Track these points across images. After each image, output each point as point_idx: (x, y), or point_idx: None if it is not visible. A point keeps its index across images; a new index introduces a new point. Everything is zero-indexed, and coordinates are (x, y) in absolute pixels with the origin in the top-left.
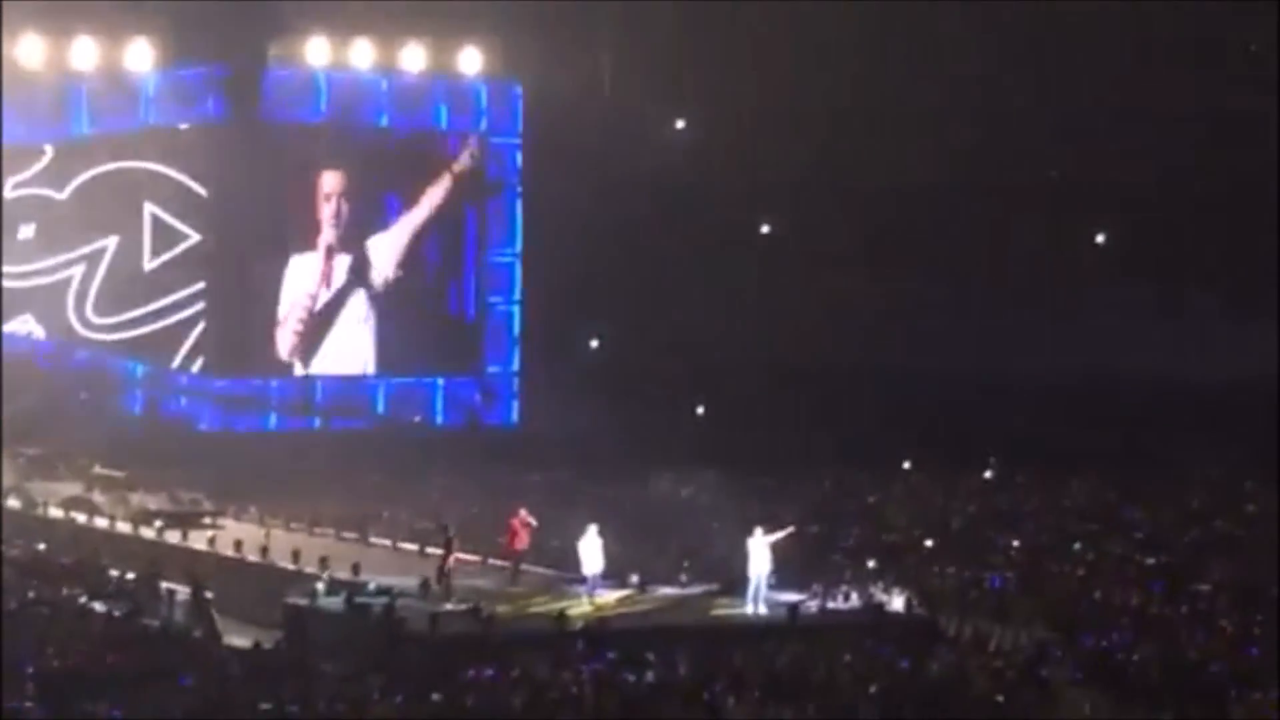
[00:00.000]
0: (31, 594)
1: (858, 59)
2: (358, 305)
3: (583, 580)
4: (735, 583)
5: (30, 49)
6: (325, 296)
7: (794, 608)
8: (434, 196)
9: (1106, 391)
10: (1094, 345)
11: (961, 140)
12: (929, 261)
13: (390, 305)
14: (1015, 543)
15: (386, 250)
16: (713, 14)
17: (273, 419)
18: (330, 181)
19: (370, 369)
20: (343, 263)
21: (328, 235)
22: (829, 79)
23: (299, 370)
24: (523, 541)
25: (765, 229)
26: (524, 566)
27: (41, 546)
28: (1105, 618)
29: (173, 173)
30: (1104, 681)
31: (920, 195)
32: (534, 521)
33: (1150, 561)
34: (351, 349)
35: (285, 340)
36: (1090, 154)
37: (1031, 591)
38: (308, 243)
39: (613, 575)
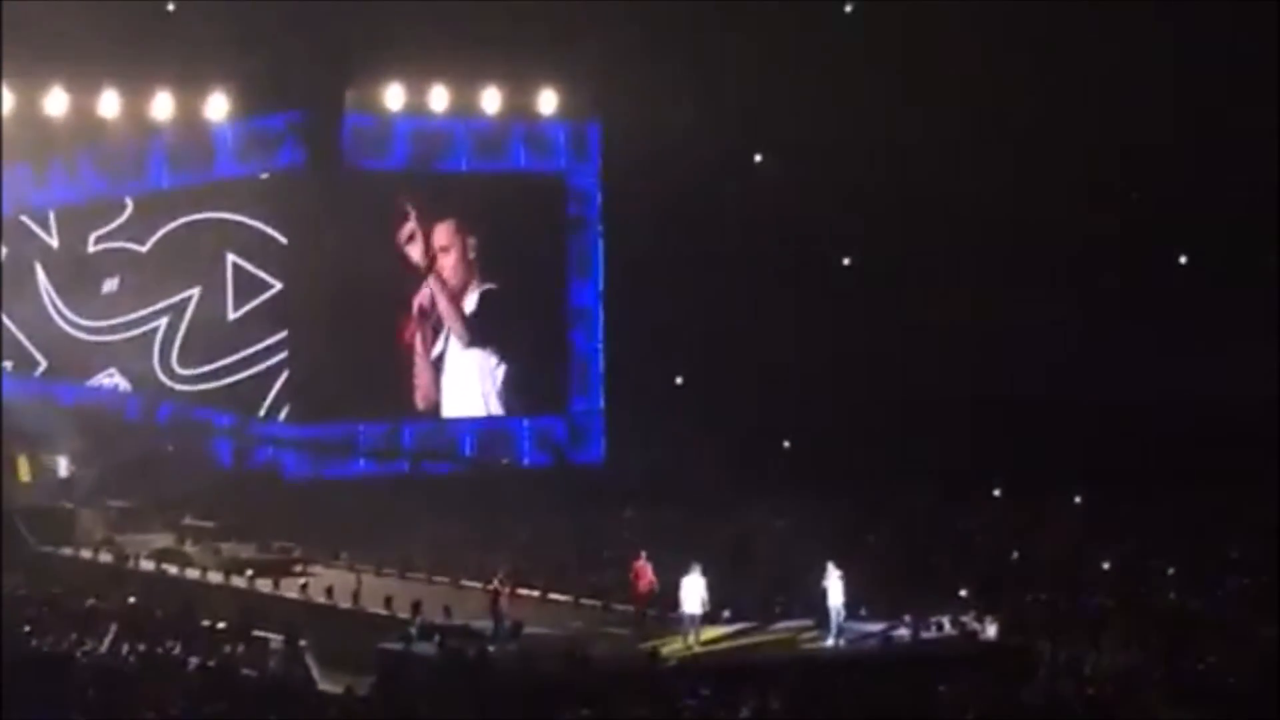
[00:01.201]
0: (124, 646)
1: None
2: (439, 348)
3: (679, 618)
4: (825, 615)
5: (108, 104)
6: (406, 341)
7: (886, 638)
8: (514, 238)
9: (1197, 412)
10: (1182, 367)
11: (1049, 170)
12: (1015, 290)
13: (472, 347)
14: (1106, 566)
15: (467, 293)
16: (791, 49)
17: (360, 465)
18: (410, 227)
19: (454, 412)
20: (422, 307)
21: (407, 280)
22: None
23: (384, 416)
24: (645, 585)
25: (846, 261)
26: (615, 605)
27: (133, 599)
28: (1201, 639)
29: (253, 222)
30: (1202, 704)
31: (1005, 225)
32: (649, 566)
33: (1245, 582)
34: (434, 392)
35: (368, 387)
36: (1181, 182)
37: (1125, 614)
38: (388, 288)
39: (705, 611)
